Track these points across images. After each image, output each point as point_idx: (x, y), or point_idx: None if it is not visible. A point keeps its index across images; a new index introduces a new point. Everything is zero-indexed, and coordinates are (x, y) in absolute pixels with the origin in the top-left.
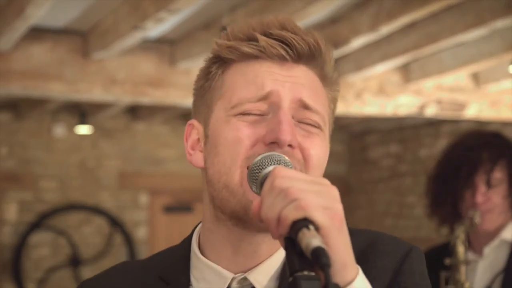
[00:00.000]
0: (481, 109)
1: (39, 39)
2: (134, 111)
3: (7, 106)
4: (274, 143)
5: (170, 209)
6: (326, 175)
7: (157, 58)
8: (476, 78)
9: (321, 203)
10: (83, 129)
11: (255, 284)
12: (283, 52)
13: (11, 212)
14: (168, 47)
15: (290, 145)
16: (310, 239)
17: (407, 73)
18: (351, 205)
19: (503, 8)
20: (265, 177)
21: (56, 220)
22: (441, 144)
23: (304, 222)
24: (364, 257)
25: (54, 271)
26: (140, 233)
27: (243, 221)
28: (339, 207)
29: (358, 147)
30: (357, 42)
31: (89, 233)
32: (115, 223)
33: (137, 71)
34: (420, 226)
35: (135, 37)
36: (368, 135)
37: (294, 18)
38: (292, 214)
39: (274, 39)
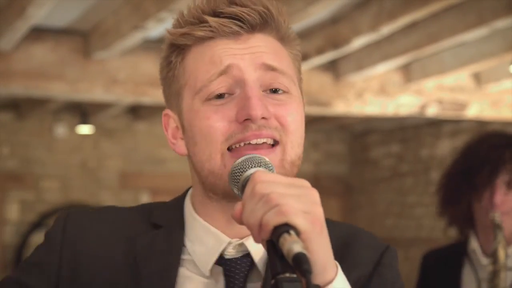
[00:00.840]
0: (482, 109)
1: (41, 39)
2: (135, 111)
3: (8, 106)
4: (247, 120)
5: None
6: (327, 174)
7: (158, 58)
8: (477, 78)
9: (301, 207)
10: (85, 129)
11: (251, 250)
12: (236, 28)
13: (13, 212)
14: None
15: (264, 118)
16: (291, 245)
17: (408, 73)
18: (352, 205)
19: (504, 8)
20: (246, 180)
21: None
22: (442, 144)
23: (285, 227)
24: (346, 246)
25: None
26: None
27: (236, 197)
28: (319, 210)
29: (359, 147)
30: (358, 42)
31: None
32: None
33: (138, 71)
34: (420, 226)
35: (136, 37)
36: (369, 135)
37: (295, 18)
38: (273, 220)
39: (225, 17)
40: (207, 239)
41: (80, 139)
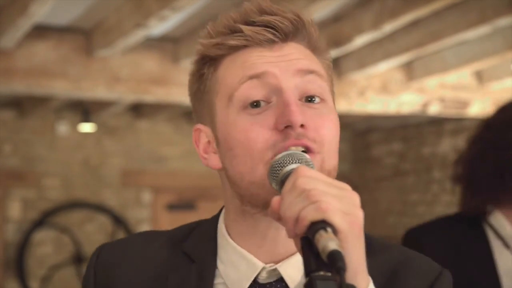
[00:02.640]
0: (484, 107)
1: (43, 37)
2: (138, 109)
3: (10, 104)
4: (288, 127)
5: (173, 207)
6: None
7: (160, 56)
8: (479, 76)
9: (341, 207)
10: (87, 127)
11: (284, 276)
12: (270, 36)
13: (15, 209)
14: (171, 45)
15: (302, 125)
16: (327, 242)
17: (410, 71)
18: None
19: (506, 6)
20: (286, 175)
21: (60, 217)
22: (444, 142)
23: (322, 224)
24: (395, 275)
25: (57, 268)
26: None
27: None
28: (359, 213)
29: (361, 145)
30: (360, 40)
31: (93, 231)
32: (118, 221)
33: (141, 69)
34: None
35: (139, 35)
36: (371, 133)
37: None
38: (311, 215)
39: (258, 25)
40: (240, 263)
41: (82, 137)
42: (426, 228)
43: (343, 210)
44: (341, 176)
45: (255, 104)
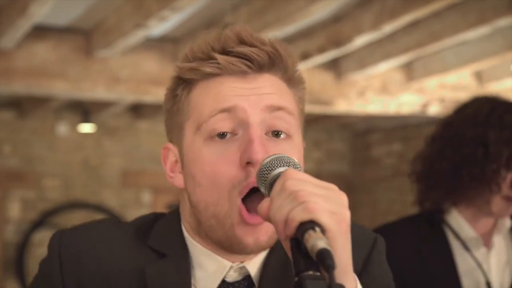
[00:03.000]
0: None
1: (42, 38)
2: (137, 110)
3: (10, 104)
4: (249, 163)
5: (173, 207)
6: (329, 173)
7: (160, 56)
8: (479, 76)
9: (329, 207)
10: (86, 128)
11: (251, 272)
12: (244, 67)
13: (14, 210)
14: (171, 46)
15: None
16: (316, 241)
17: (410, 71)
18: (354, 203)
19: (505, 6)
20: (275, 179)
21: (59, 218)
22: None
23: (311, 224)
24: None
25: None
26: None
27: (229, 250)
28: (346, 213)
29: (361, 145)
30: (360, 41)
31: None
32: None
33: (140, 70)
34: None
35: (138, 36)
36: (371, 133)
37: (296, 16)
38: (299, 216)
39: (234, 55)
40: (208, 264)
41: (82, 137)
42: (388, 229)
43: (331, 210)
44: (341, 177)
45: (222, 135)
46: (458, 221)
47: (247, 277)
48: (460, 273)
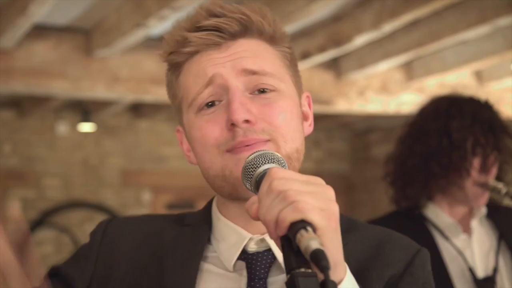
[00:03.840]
0: None
1: (42, 37)
2: (137, 109)
3: (10, 103)
4: (233, 125)
5: (172, 207)
6: (329, 172)
7: (160, 55)
8: (479, 76)
9: (317, 204)
10: (86, 127)
11: (272, 245)
12: (216, 39)
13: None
14: None
15: (247, 121)
16: (309, 241)
17: (410, 71)
18: (354, 203)
19: (505, 6)
20: (260, 176)
21: (59, 217)
22: None
23: (302, 224)
24: (381, 246)
25: None
26: None
27: (241, 199)
28: (335, 207)
29: (361, 145)
30: (360, 40)
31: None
32: None
33: (140, 69)
34: None
35: (138, 35)
36: (371, 133)
37: (296, 15)
38: (290, 216)
39: (205, 29)
40: (230, 236)
41: (82, 137)
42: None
43: (319, 207)
44: (341, 176)
45: (210, 104)
46: (435, 212)
47: (269, 250)
48: (446, 261)
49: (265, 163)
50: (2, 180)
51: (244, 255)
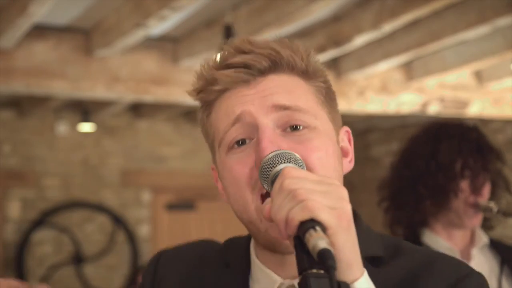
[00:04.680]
0: (484, 107)
1: (42, 37)
2: (137, 109)
3: (10, 103)
4: None
5: (172, 207)
6: None
7: (160, 56)
8: (479, 76)
9: (328, 203)
10: (86, 127)
11: None
12: (244, 76)
13: (14, 209)
14: (171, 45)
15: None
16: (317, 241)
17: (409, 71)
18: (353, 203)
19: (505, 6)
20: (276, 176)
21: (59, 217)
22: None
23: (311, 223)
24: (416, 278)
25: (57, 268)
26: (143, 230)
27: (277, 251)
28: (346, 206)
29: (361, 145)
30: (360, 40)
31: (92, 231)
32: (118, 221)
33: (140, 69)
34: None
35: (138, 35)
36: (371, 133)
37: (296, 15)
38: (299, 215)
39: (234, 67)
40: (263, 279)
41: (82, 137)
42: None
43: (330, 206)
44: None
45: (240, 143)
46: (432, 237)
47: None
48: None
49: (281, 162)
50: (2, 180)
51: None
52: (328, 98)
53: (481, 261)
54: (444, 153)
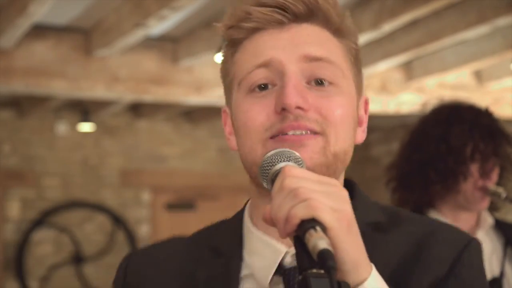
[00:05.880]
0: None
1: (42, 37)
2: (137, 109)
3: (9, 103)
4: (285, 110)
5: (172, 207)
6: None
7: (159, 55)
8: (478, 76)
9: (330, 204)
10: (86, 127)
11: None
12: (278, 17)
13: (14, 209)
14: (171, 45)
15: (300, 108)
16: (317, 241)
17: (409, 70)
18: None
19: (505, 6)
20: (275, 174)
21: (59, 217)
22: None
23: (312, 223)
24: (420, 246)
25: (56, 268)
26: (143, 230)
27: None
28: (348, 208)
29: (361, 144)
30: (360, 40)
31: (92, 231)
32: (118, 221)
33: (140, 69)
34: None
35: (138, 35)
36: (371, 132)
37: None
38: (301, 213)
39: (269, 6)
40: (265, 251)
41: (81, 136)
42: None
43: (332, 207)
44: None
45: (263, 87)
46: (438, 218)
47: None
48: None
49: (281, 161)
50: (2, 180)
51: (281, 270)
52: (357, 61)
53: (486, 243)
54: (456, 137)
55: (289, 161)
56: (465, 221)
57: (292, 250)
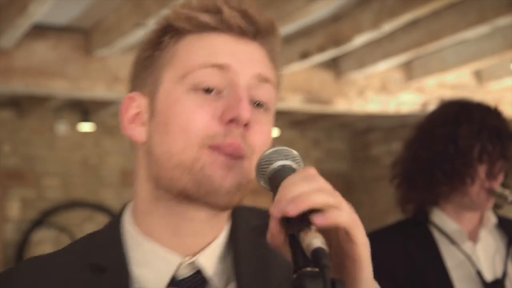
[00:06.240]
0: None
1: (42, 37)
2: None
3: (9, 103)
4: (232, 122)
5: None
6: (328, 172)
7: None
8: (478, 75)
9: (347, 208)
10: (86, 127)
11: (204, 269)
12: (243, 25)
13: (14, 209)
14: None
15: (246, 125)
16: (312, 239)
17: (409, 70)
18: (353, 203)
19: (505, 5)
20: (273, 173)
21: (59, 217)
22: None
23: (306, 222)
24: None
25: None
26: None
27: (193, 198)
28: (356, 217)
29: (360, 144)
30: (360, 40)
31: (92, 231)
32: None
33: None
34: None
35: (138, 35)
36: (371, 132)
37: (296, 15)
38: (318, 199)
39: (238, 12)
40: (156, 263)
41: (81, 136)
42: (375, 235)
43: (351, 213)
44: (340, 176)
45: (207, 90)
46: (441, 217)
47: (198, 272)
48: (449, 267)
49: (279, 159)
50: (2, 180)
51: (173, 282)
52: (278, 92)
53: (489, 242)
54: (464, 138)
55: (287, 159)
56: (468, 220)
57: (187, 260)
